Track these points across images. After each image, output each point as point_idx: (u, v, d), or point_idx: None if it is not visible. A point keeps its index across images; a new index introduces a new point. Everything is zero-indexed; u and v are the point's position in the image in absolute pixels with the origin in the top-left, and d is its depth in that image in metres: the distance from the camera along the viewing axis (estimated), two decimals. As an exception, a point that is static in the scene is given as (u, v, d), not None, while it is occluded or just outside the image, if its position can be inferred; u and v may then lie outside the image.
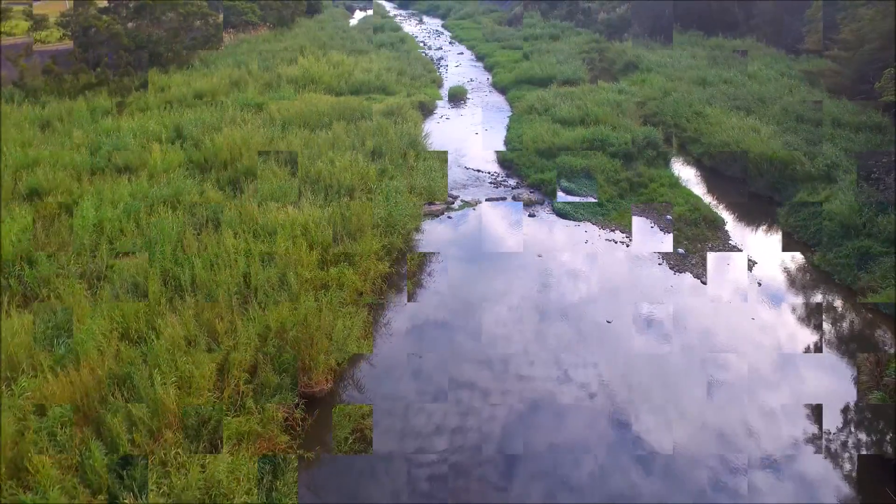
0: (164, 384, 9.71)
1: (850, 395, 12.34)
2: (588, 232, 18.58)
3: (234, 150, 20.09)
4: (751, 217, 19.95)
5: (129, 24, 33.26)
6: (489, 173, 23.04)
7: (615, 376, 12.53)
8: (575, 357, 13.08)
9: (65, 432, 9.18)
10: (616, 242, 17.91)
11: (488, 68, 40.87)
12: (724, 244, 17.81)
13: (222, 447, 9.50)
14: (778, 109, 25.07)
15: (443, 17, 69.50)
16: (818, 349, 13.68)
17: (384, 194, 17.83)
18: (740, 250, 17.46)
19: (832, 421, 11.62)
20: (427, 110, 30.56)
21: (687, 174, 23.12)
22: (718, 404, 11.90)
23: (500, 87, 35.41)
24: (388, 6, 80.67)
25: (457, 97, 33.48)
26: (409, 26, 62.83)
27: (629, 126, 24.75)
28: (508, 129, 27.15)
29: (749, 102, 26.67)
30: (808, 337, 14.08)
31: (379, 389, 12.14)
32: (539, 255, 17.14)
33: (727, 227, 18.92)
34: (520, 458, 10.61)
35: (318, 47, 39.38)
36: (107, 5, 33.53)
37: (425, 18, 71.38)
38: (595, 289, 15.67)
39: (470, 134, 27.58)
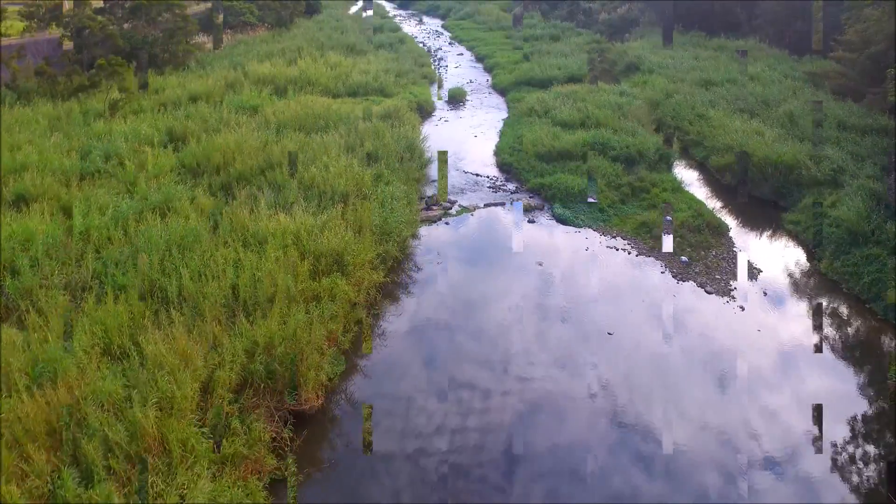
0: (144, 406, 9.25)
1: (851, 398, 12.16)
2: (589, 239, 18.13)
3: (228, 154, 19.63)
4: (755, 223, 19.49)
5: (125, 25, 32.81)
6: (488, 177, 22.59)
7: (617, 381, 12.18)
8: (578, 376, 12.66)
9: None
10: (617, 250, 17.45)
11: (488, 69, 40.40)
12: (729, 251, 17.35)
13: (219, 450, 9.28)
14: (782, 112, 24.58)
15: (443, 18, 69.04)
16: (819, 350, 13.44)
17: (379, 200, 17.38)
18: (745, 258, 16.99)
19: (833, 423, 11.41)
20: (426, 112, 30.12)
21: (689, 178, 22.68)
22: (721, 406, 11.68)
23: (500, 89, 34.94)
24: (388, 6, 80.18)
25: (456, 99, 33.02)
26: (409, 27, 62.37)
27: (631, 129, 24.27)
28: (508, 131, 26.68)
29: (752, 105, 26.18)
30: (811, 342, 13.71)
31: (375, 402, 11.68)
32: (539, 264, 16.70)
33: (731, 234, 18.45)
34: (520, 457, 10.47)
35: (315, 48, 38.90)
36: (102, 6, 33.04)
37: (425, 18, 70.93)
38: (597, 295, 15.22)
39: (469, 137, 27.13)
